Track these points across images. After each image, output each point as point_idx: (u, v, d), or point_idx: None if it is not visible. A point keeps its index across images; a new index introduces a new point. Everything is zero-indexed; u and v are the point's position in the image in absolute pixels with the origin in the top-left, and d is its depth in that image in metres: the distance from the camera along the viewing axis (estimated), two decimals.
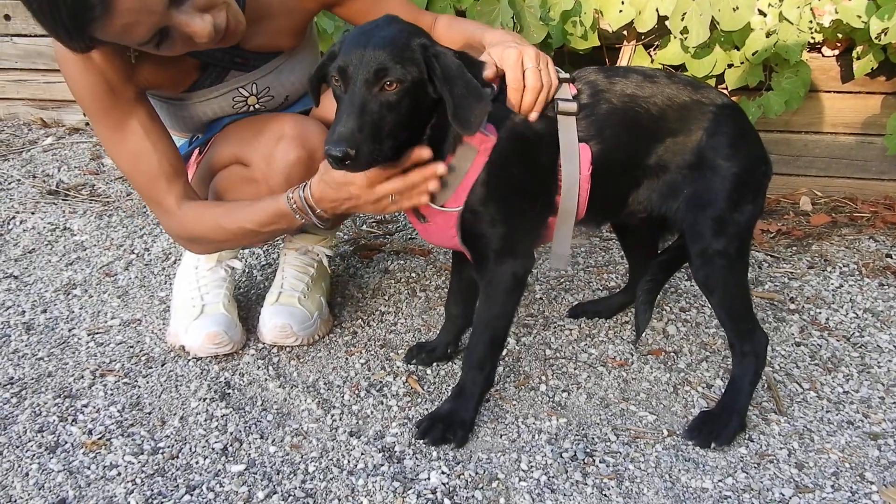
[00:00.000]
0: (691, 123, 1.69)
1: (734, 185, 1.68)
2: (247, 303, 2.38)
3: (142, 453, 1.67)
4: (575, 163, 1.63)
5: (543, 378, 1.99)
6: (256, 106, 1.99)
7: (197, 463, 1.65)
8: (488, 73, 1.58)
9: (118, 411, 1.83)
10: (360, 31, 1.49)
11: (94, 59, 1.68)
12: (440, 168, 1.56)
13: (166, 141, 1.84)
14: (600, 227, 1.98)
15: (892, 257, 2.67)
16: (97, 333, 2.18)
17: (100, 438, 1.72)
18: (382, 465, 1.64)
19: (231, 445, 1.71)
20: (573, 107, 1.63)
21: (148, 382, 1.96)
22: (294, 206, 1.70)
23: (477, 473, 1.62)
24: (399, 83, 1.44)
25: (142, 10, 1.47)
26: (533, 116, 1.62)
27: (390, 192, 1.58)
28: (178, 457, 1.67)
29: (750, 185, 1.71)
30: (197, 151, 2.12)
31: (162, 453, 1.68)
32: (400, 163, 1.55)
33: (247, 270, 2.59)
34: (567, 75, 1.69)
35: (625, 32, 2.93)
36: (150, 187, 1.83)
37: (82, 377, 1.96)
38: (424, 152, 1.54)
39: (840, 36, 2.81)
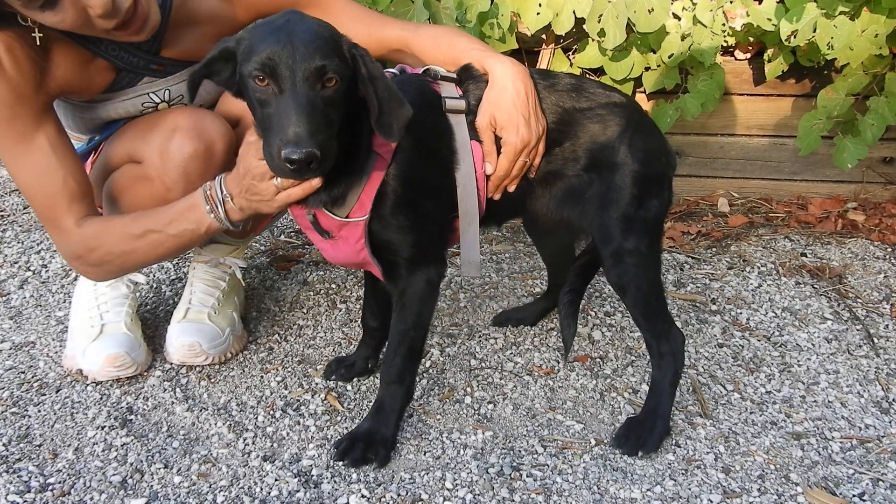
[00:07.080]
0: (581, 125, 1.67)
1: (635, 182, 1.66)
2: (154, 320, 2.23)
3: (28, 491, 1.52)
4: (469, 160, 1.59)
5: (468, 390, 1.92)
6: None
7: (91, 499, 1.51)
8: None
9: (3, 445, 1.66)
10: (274, 27, 1.36)
11: (4, 63, 1.56)
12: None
13: (73, 158, 1.71)
14: (500, 226, 1.96)
15: (806, 256, 2.72)
16: None
17: None
18: (298, 490, 1.54)
19: (131, 477, 1.57)
20: (461, 104, 1.60)
21: (40, 411, 1.79)
22: (208, 192, 1.59)
23: (399, 495, 1.53)
24: (340, 79, 1.35)
25: None
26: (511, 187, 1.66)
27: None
28: (69, 493, 1.52)
29: (652, 180, 1.69)
30: (93, 154, 1.97)
31: (52, 490, 1.53)
32: None
33: (154, 286, 2.43)
34: (452, 75, 1.65)
35: (543, 36, 2.90)
36: (49, 206, 1.69)
37: None
38: None
39: (752, 39, 2.87)
